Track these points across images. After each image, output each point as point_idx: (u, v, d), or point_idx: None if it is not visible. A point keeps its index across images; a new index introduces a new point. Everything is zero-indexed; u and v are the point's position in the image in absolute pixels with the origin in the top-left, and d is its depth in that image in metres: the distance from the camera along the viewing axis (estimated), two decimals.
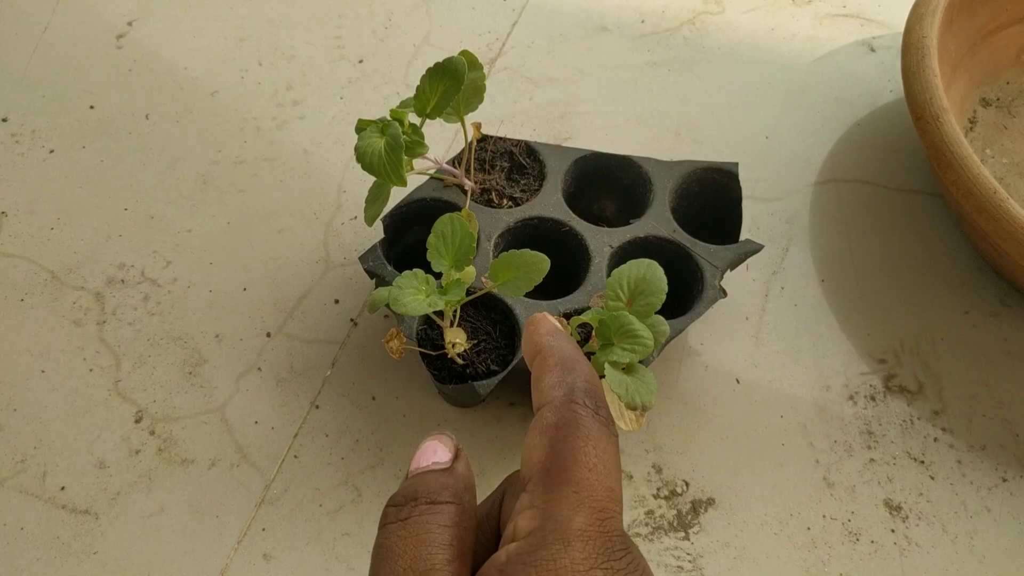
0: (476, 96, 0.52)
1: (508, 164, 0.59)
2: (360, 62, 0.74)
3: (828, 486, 0.54)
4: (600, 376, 0.45)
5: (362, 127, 0.48)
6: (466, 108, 0.52)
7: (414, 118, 0.50)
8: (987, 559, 0.52)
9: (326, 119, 0.70)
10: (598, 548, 0.24)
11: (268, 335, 0.59)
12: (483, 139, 0.60)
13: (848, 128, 0.71)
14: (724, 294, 0.54)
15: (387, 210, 0.55)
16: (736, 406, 0.57)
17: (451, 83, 0.48)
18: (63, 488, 0.53)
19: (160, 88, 0.72)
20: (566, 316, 0.52)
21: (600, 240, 0.55)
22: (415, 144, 0.49)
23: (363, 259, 0.54)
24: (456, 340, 0.50)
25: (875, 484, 0.54)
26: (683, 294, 0.55)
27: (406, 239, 0.58)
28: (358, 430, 0.55)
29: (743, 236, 0.58)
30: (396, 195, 0.54)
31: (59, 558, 0.51)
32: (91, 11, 0.77)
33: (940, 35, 0.61)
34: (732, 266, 0.56)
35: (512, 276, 0.46)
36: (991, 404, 0.57)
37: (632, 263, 0.45)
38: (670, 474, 0.54)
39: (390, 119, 0.48)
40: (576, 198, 0.60)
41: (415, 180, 0.56)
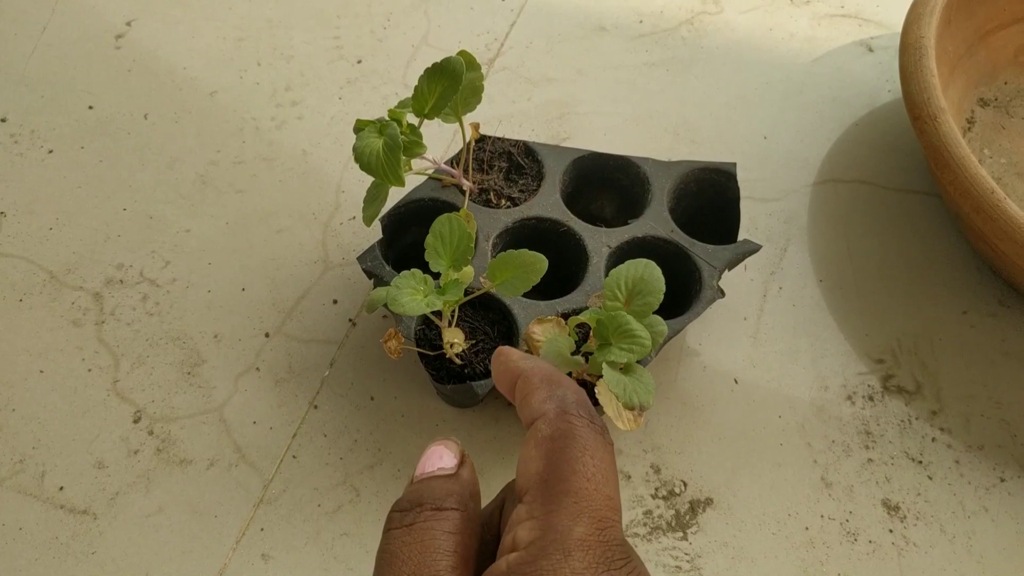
0: (474, 96, 0.52)
1: (506, 164, 0.59)
2: (359, 62, 0.74)
3: (826, 486, 0.54)
4: (598, 376, 0.45)
5: (360, 127, 0.48)
6: (464, 108, 0.52)
7: (412, 118, 0.50)
8: (985, 559, 0.52)
9: (325, 119, 0.70)
10: (598, 557, 0.24)
11: (267, 335, 0.59)
12: (481, 139, 0.60)
13: (846, 128, 0.71)
14: (722, 294, 0.54)
15: (385, 210, 0.55)
16: (734, 406, 0.57)
17: (449, 83, 0.48)
18: (62, 488, 0.53)
19: (159, 88, 0.72)
20: (564, 316, 0.52)
21: (598, 240, 0.56)
22: (413, 144, 0.49)
23: (361, 259, 0.54)
24: (454, 340, 0.50)
25: (873, 484, 0.54)
26: (681, 294, 0.55)
27: (404, 239, 0.58)
28: (356, 430, 0.55)
29: (741, 236, 0.58)
30: (394, 195, 0.54)
31: (57, 558, 0.51)
32: (90, 11, 0.77)
33: (938, 35, 0.61)
34: (730, 266, 0.56)
35: (510, 276, 0.46)
36: (989, 404, 0.58)
37: (630, 263, 0.45)
38: (668, 474, 0.54)
39: (388, 119, 0.48)
40: (574, 198, 0.60)
41: (413, 180, 0.56)
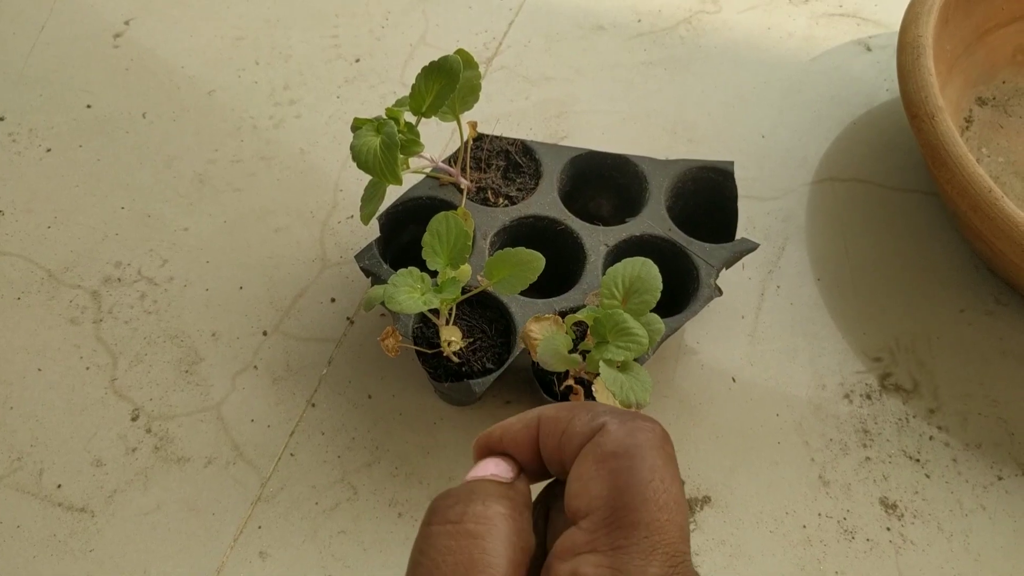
0: (471, 95, 0.52)
1: (504, 163, 0.59)
2: (357, 61, 0.74)
3: (824, 484, 0.54)
4: (595, 374, 0.45)
5: (358, 126, 0.48)
6: (461, 107, 0.52)
7: (410, 117, 0.50)
8: (982, 557, 0.52)
9: (323, 118, 0.71)
10: None
11: (264, 333, 0.59)
12: (479, 138, 0.60)
13: (844, 127, 0.72)
14: (720, 292, 0.54)
15: (383, 209, 0.55)
16: (732, 404, 0.57)
17: (446, 82, 0.48)
18: (59, 486, 0.53)
19: (157, 87, 0.72)
20: (561, 314, 0.52)
21: (596, 239, 0.56)
22: (410, 143, 0.49)
23: (359, 257, 0.54)
24: (452, 338, 0.50)
25: (870, 482, 0.54)
26: (679, 292, 0.55)
27: (402, 238, 0.58)
28: (354, 428, 0.55)
29: (739, 235, 0.58)
30: (392, 194, 0.54)
31: (55, 556, 0.51)
32: (88, 10, 0.77)
33: (936, 34, 0.61)
34: (728, 265, 0.56)
35: (507, 274, 0.47)
36: (986, 403, 0.58)
37: (627, 261, 0.45)
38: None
39: (385, 118, 0.48)
40: (572, 197, 0.60)
41: (411, 179, 0.56)
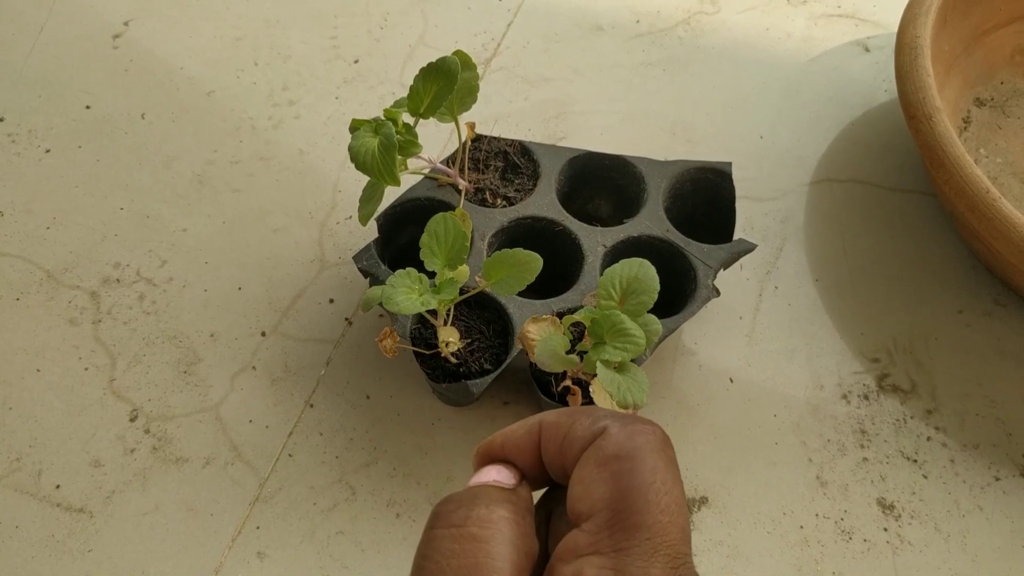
0: (469, 95, 0.52)
1: (502, 164, 0.59)
2: (356, 62, 0.74)
3: (821, 485, 0.54)
4: (592, 375, 0.45)
5: (356, 126, 0.48)
6: (460, 108, 0.52)
7: (408, 118, 0.50)
8: (979, 558, 0.52)
9: (321, 119, 0.71)
10: None
11: (263, 334, 0.59)
12: (477, 139, 0.60)
13: (843, 128, 0.72)
14: (717, 293, 0.54)
15: (381, 209, 0.55)
16: (730, 405, 0.57)
17: (444, 83, 0.48)
18: (58, 486, 0.53)
19: (156, 88, 0.72)
20: (559, 315, 0.52)
21: (594, 239, 0.56)
22: (409, 143, 0.49)
23: (357, 258, 0.54)
24: (449, 339, 0.50)
25: (868, 483, 0.54)
26: (676, 293, 0.55)
27: (400, 238, 0.58)
28: (352, 429, 0.55)
29: (737, 236, 0.58)
30: (391, 195, 0.54)
31: (54, 556, 0.51)
32: (88, 11, 0.77)
33: (934, 35, 0.61)
34: (725, 265, 0.56)
35: (505, 275, 0.47)
36: (984, 403, 0.58)
37: (624, 262, 0.45)
38: None
39: (384, 119, 0.48)
40: (570, 198, 0.60)
41: (409, 180, 0.57)
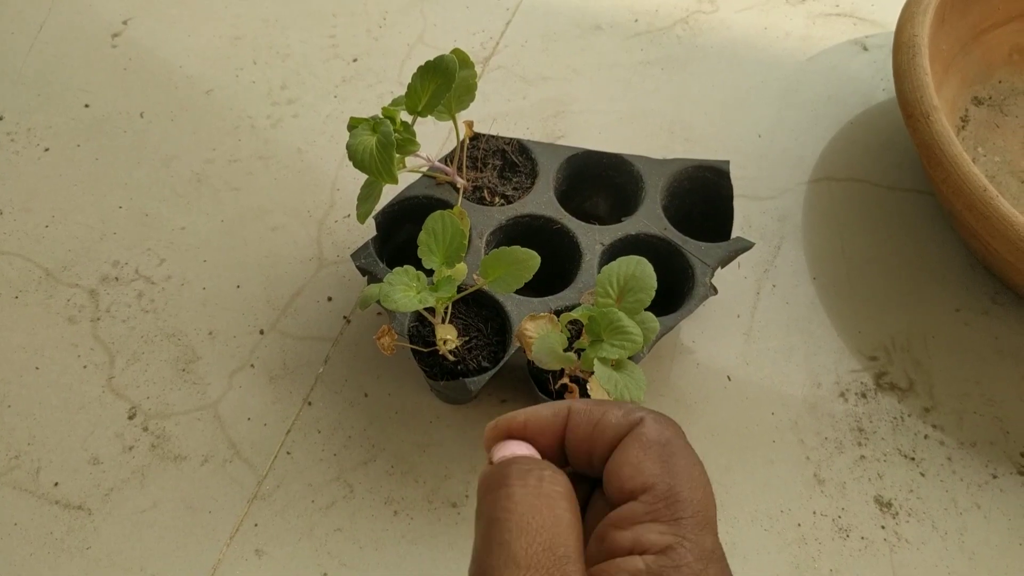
0: (467, 94, 0.52)
1: (500, 162, 0.59)
2: (354, 61, 0.74)
3: (819, 483, 0.54)
4: (590, 372, 0.45)
5: (354, 125, 0.48)
6: (458, 106, 0.52)
7: (406, 116, 0.50)
8: (976, 555, 0.52)
9: (320, 118, 0.71)
10: (724, 570, 0.26)
11: (261, 332, 0.59)
12: (475, 137, 0.60)
13: (841, 127, 0.72)
14: (715, 291, 0.55)
15: (379, 208, 0.55)
16: (727, 403, 0.57)
17: (442, 81, 0.48)
18: (56, 484, 0.53)
19: (155, 87, 0.72)
20: (557, 313, 0.52)
21: (591, 238, 0.56)
22: (406, 142, 0.49)
23: (355, 256, 0.55)
24: (447, 337, 0.50)
25: (865, 481, 0.54)
26: (674, 291, 0.55)
27: (398, 237, 0.58)
28: (350, 426, 0.56)
29: (735, 234, 0.58)
30: (389, 193, 0.54)
31: (52, 554, 0.51)
32: (87, 10, 0.77)
33: (932, 34, 0.61)
34: (723, 263, 0.56)
35: (503, 273, 0.47)
36: (982, 401, 0.58)
37: (621, 260, 0.45)
38: None
39: (382, 117, 0.48)
40: (568, 196, 0.60)
41: (407, 178, 0.57)
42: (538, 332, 0.47)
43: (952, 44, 0.67)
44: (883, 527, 0.53)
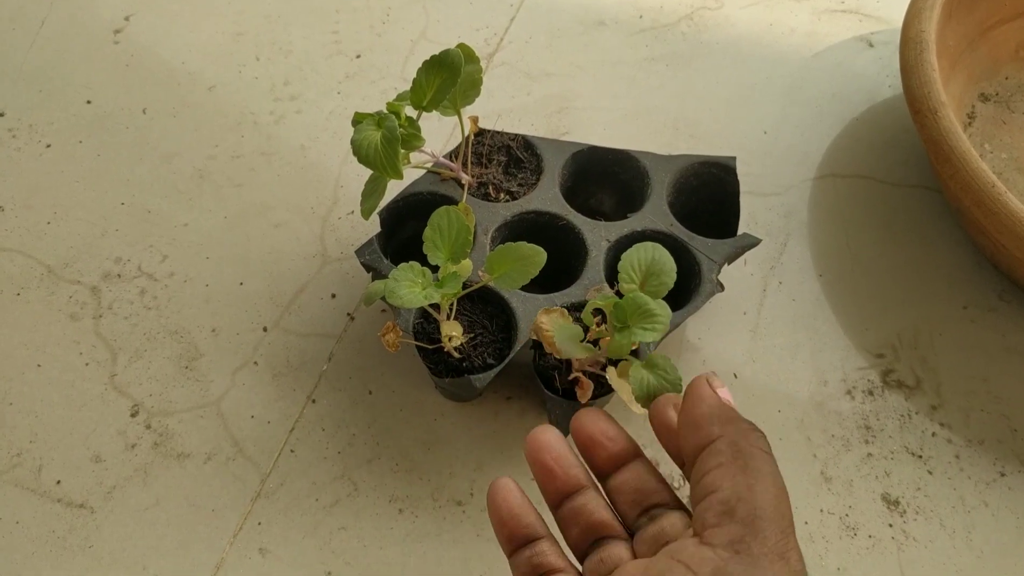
0: (473, 89, 0.51)
1: (505, 158, 0.59)
2: (357, 57, 0.74)
3: (826, 480, 0.54)
4: (609, 361, 0.44)
5: (358, 120, 0.48)
6: (463, 101, 0.52)
7: (411, 111, 0.50)
8: (984, 553, 0.52)
9: (323, 114, 0.70)
10: None
11: (264, 329, 0.59)
12: (480, 133, 0.59)
13: (846, 123, 0.71)
14: (721, 288, 0.54)
15: (384, 204, 0.55)
16: (735, 401, 0.57)
17: (448, 76, 0.48)
18: (59, 482, 0.53)
19: (157, 83, 0.72)
20: (567, 309, 0.51)
21: (597, 234, 0.55)
22: (411, 137, 0.49)
23: (360, 253, 0.54)
24: (452, 333, 0.50)
25: (873, 479, 0.54)
26: (680, 288, 0.55)
27: (403, 233, 0.58)
28: (355, 424, 0.55)
29: (741, 231, 0.58)
30: (393, 189, 0.54)
31: (54, 552, 0.51)
32: (88, 6, 0.77)
33: (939, 30, 0.61)
34: (730, 260, 0.56)
35: (508, 269, 0.46)
36: (989, 399, 0.57)
37: (637, 247, 0.45)
38: (668, 468, 0.54)
39: (386, 112, 0.48)
40: (573, 192, 0.59)
41: (412, 174, 0.56)
42: (553, 325, 0.47)
43: (959, 40, 0.67)
44: (891, 525, 0.53)
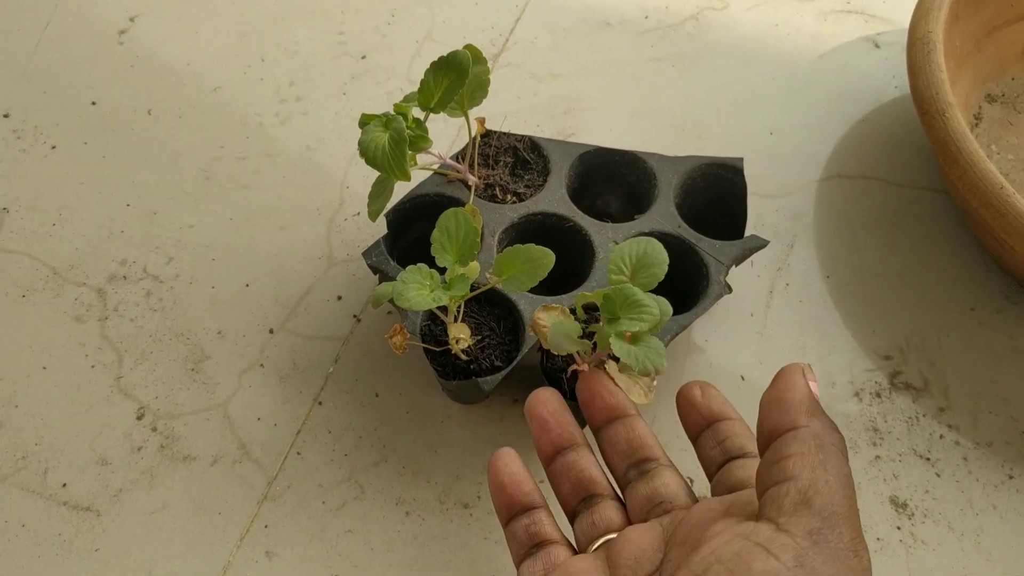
0: (480, 90, 0.51)
1: (512, 159, 0.59)
2: (363, 58, 0.74)
3: None
4: (606, 359, 0.45)
5: (365, 121, 0.48)
6: (470, 102, 0.51)
7: (418, 112, 0.50)
8: (993, 556, 0.52)
9: (329, 115, 0.70)
10: None
11: (271, 331, 0.59)
12: (487, 134, 0.59)
13: (852, 124, 0.71)
14: (729, 290, 0.54)
15: (390, 205, 0.54)
16: (741, 403, 0.56)
17: (456, 77, 0.47)
18: (64, 485, 0.53)
19: (162, 84, 0.72)
20: (572, 311, 0.51)
21: (604, 235, 0.55)
22: (419, 138, 0.49)
23: (366, 255, 0.54)
24: (460, 336, 0.50)
25: (880, 481, 0.54)
26: (688, 290, 0.55)
27: (409, 235, 0.58)
28: (361, 427, 0.55)
29: (748, 232, 0.58)
30: (400, 191, 0.54)
31: (60, 555, 0.50)
32: (93, 7, 0.77)
33: (946, 30, 0.61)
34: (737, 262, 0.56)
35: (516, 271, 0.46)
36: (997, 401, 0.57)
37: (631, 240, 0.45)
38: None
39: (394, 113, 0.47)
40: (580, 193, 0.59)
41: (419, 176, 0.56)
42: (551, 321, 0.47)
43: (965, 41, 0.67)
44: (899, 528, 0.52)
